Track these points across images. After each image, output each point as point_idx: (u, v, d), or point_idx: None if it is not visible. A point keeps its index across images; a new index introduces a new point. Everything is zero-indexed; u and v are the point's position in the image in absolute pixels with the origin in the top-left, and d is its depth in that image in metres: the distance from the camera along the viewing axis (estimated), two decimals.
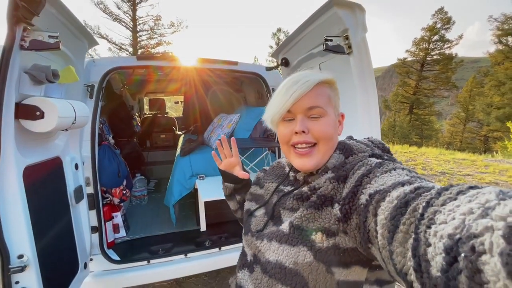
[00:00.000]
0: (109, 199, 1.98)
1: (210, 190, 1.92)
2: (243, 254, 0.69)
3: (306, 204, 0.56)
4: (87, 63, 1.80)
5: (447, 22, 22.81)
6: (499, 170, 6.02)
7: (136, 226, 2.31)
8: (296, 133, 0.59)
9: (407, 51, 25.23)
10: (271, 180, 0.75)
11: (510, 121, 12.06)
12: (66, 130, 1.26)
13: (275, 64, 1.91)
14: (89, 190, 1.75)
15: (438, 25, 23.14)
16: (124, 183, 2.01)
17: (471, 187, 0.31)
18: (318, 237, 0.52)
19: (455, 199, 0.30)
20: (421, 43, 24.27)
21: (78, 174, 1.55)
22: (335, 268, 0.50)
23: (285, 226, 0.57)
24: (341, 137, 0.69)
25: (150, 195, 3.06)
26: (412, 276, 0.31)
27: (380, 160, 0.53)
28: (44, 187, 1.25)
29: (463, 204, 0.28)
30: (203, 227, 2.20)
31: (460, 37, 23.23)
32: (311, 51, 1.51)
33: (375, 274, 0.53)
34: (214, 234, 2.16)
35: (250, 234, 0.66)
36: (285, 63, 1.83)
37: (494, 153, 11.04)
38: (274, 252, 0.57)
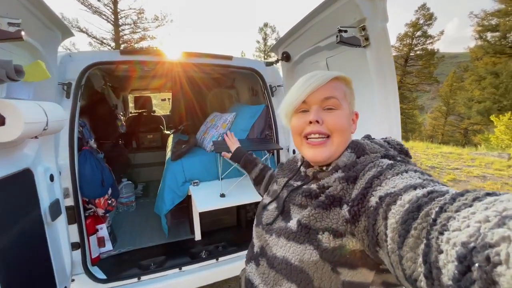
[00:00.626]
0: (92, 210, 1.77)
1: (206, 198, 1.76)
2: (252, 246, 0.71)
3: (314, 203, 0.56)
4: (62, 57, 1.58)
5: (429, 18, 23.32)
6: (485, 163, 6.18)
7: (124, 237, 2.12)
8: (310, 122, 0.59)
9: (391, 46, 25.66)
10: (283, 175, 0.76)
11: (493, 115, 12.52)
12: (36, 137, 1.06)
13: (276, 58, 1.76)
14: (69, 202, 1.55)
15: (421, 21, 23.63)
16: (109, 191, 1.81)
17: (488, 194, 0.30)
18: (325, 237, 0.52)
19: (471, 205, 0.29)
20: (404, 39, 24.72)
21: (54, 187, 1.35)
22: (341, 268, 0.50)
23: (293, 224, 0.58)
24: (358, 137, 0.68)
25: (138, 201, 2.84)
26: (423, 283, 0.30)
27: (392, 162, 0.52)
28: (10, 207, 1.05)
29: (479, 212, 0.27)
30: (198, 236, 2.04)
31: (442, 33, 23.88)
32: (318, 44, 1.36)
33: (381, 277, 0.52)
34: (210, 243, 2.00)
35: (261, 227, 0.68)
36: (286, 57, 1.68)
37: (478, 146, 11.44)
38: (282, 248, 0.57)
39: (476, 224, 0.26)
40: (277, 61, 1.73)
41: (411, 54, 24.56)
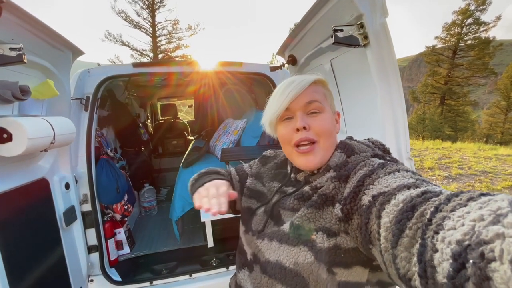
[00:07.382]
0: (110, 215, 1.88)
1: None
2: (241, 253, 0.69)
3: (307, 203, 0.56)
4: (81, 73, 1.71)
5: (482, 3, 20.74)
6: None
7: (142, 241, 2.21)
8: (298, 130, 0.59)
9: (436, 37, 23.38)
10: (271, 179, 0.74)
11: None
12: (46, 150, 1.14)
13: (282, 62, 1.69)
14: (87, 207, 1.67)
15: (472, 7, 21.14)
16: (125, 198, 1.91)
17: (482, 194, 0.30)
18: (319, 237, 0.51)
19: (465, 205, 0.29)
20: (452, 28, 22.35)
21: (69, 194, 1.45)
22: (336, 268, 0.50)
23: (286, 226, 0.57)
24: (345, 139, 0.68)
25: (161, 205, 2.97)
26: (417, 282, 0.30)
27: (383, 161, 0.52)
28: (24, 214, 1.15)
29: (473, 211, 0.27)
30: (210, 243, 2.04)
31: (498, 18, 21.10)
32: (320, 46, 1.27)
33: (376, 275, 0.51)
34: (221, 251, 2.00)
35: (251, 233, 0.66)
36: (292, 60, 1.60)
37: None
38: (275, 252, 0.56)
39: (471, 223, 0.26)
40: (282, 66, 1.65)
41: (460, 44, 22.09)
